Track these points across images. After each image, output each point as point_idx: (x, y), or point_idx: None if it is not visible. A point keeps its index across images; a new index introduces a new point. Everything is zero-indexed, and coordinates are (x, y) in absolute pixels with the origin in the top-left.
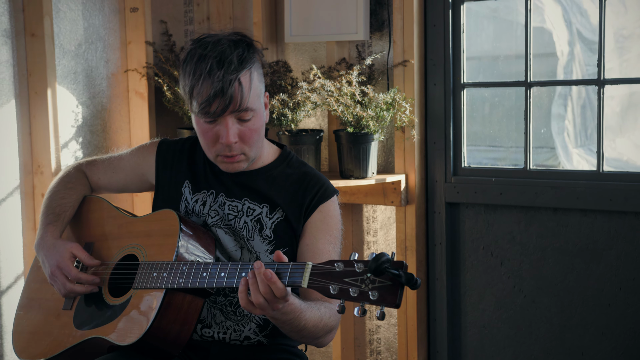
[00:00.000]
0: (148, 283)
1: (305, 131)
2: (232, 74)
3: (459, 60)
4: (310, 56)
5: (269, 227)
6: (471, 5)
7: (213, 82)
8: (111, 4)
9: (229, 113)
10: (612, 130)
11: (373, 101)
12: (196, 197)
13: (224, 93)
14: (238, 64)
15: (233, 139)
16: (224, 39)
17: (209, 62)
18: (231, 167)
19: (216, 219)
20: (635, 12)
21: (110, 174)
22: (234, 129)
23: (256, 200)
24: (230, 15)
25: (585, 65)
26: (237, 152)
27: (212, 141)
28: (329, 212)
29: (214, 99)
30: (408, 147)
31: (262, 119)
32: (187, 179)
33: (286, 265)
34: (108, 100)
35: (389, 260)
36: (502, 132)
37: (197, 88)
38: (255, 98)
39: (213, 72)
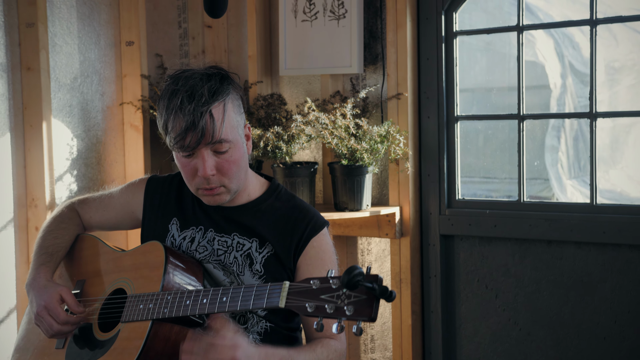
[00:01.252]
0: (135, 316)
1: (300, 164)
2: (202, 107)
3: (453, 93)
4: (304, 89)
5: (259, 262)
6: (464, 38)
7: (184, 115)
8: (107, 37)
9: (204, 146)
10: (605, 162)
11: (367, 134)
12: (184, 234)
13: (195, 126)
14: (209, 97)
15: (210, 171)
16: (197, 73)
17: (179, 97)
18: (212, 199)
19: (205, 254)
20: (625, 45)
21: (101, 212)
22: (210, 162)
23: (245, 235)
24: (225, 48)
25: (577, 97)
26: (215, 184)
27: (191, 175)
28: (321, 246)
29: (186, 132)
30: (402, 180)
31: (240, 150)
32: (175, 216)
33: (264, 287)
34: (103, 132)
35: (361, 273)
36: (496, 164)
37: (170, 123)
38: (231, 129)
39: (184, 106)
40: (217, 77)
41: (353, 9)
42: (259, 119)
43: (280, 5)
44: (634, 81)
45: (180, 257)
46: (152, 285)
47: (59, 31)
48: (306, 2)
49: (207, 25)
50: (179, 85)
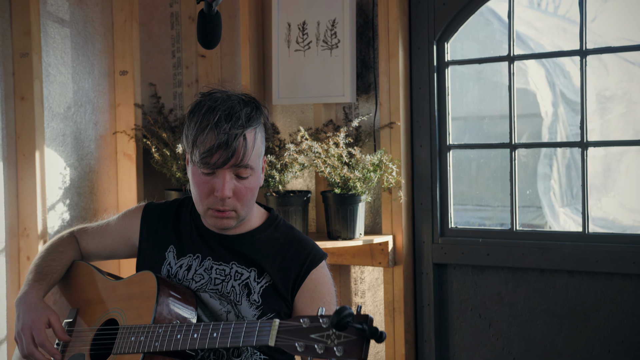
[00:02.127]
0: (127, 348)
1: (293, 192)
2: (238, 129)
3: (445, 122)
4: (297, 118)
5: (257, 292)
6: (456, 67)
7: (219, 133)
8: (101, 67)
9: (229, 167)
10: (597, 190)
11: (360, 162)
12: (181, 261)
13: (228, 145)
14: (245, 121)
15: (228, 193)
16: (234, 96)
17: (217, 114)
18: (220, 222)
19: (201, 282)
20: (616, 74)
21: (98, 239)
22: (230, 184)
23: (244, 265)
24: (219, 77)
25: (569, 125)
26: (229, 207)
27: (206, 193)
28: (319, 279)
29: (217, 149)
30: (395, 208)
31: (258, 179)
32: (171, 244)
33: (254, 324)
34: (96, 162)
35: (351, 314)
36: (489, 192)
37: (201, 137)
38: (256, 157)
39: (220, 124)
40: (253, 105)
41: (346, 39)
42: None
43: (273, 35)
44: (625, 110)
45: (173, 287)
46: (144, 317)
47: (53, 61)
48: (299, 32)
49: (201, 54)
50: (217, 103)
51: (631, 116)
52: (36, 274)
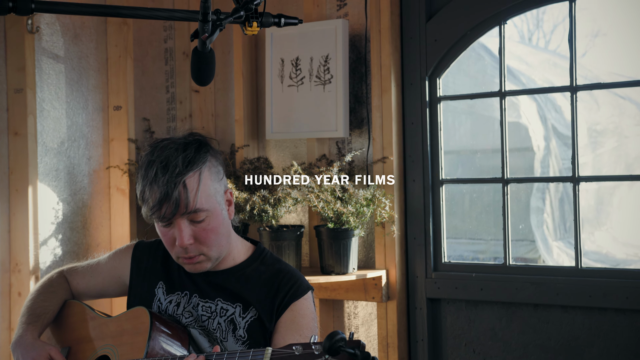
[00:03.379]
0: None
1: (286, 227)
2: (176, 178)
3: (437, 157)
4: (291, 152)
5: (243, 327)
6: (449, 101)
7: (159, 187)
8: (95, 102)
9: (179, 216)
10: (590, 223)
11: (353, 197)
12: (170, 297)
13: (169, 197)
14: (183, 167)
15: (187, 241)
16: (174, 142)
17: (154, 168)
18: (193, 267)
19: (190, 319)
20: (607, 109)
21: (88, 278)
22: (187, 231)
23: (229, 300)
24: (213, 112)
25: (561, 159)
26: (194, 253)
27: (170, 244)
28: (300, 310)
29: (161, 203)
30: (388, 243)
31: (219, 218)
32: (161, 280)
33: (247, 353)
34: (89, 196)
35: (343, 339)
36: (482, 226)
37: (145, 194)
38: (207, 198)
39: (158, 177)
40: (193, 146)
41: (339, 74)
42: (245, 182)
43: (267, 70)
44: (616, 144)
45: (165, 322)
46: (136, 352)
47: (47, 96)
48: (292, 68)
49: (195, 89)
50: (154, 155)
51: (622, 150)
52: (29, 316)
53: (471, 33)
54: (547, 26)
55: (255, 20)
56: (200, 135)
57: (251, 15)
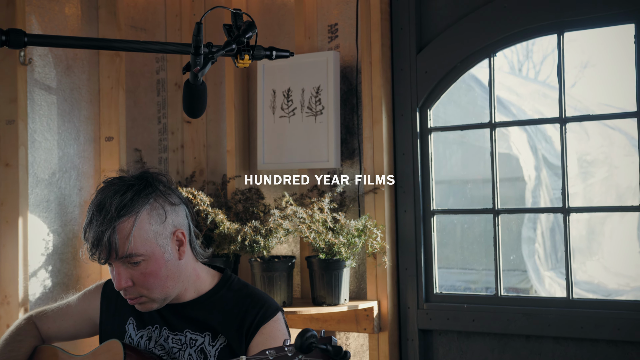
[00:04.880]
0: None
1: (278, 258)
2: (105, 225)
3: (428, 187)
4: (282, 183)
5: (213, 356)
6: (440, 132)
7: (91, 232)
8: (87, 133)
9: (113, 259)
10: (582, 253)
11: (344, 228)
12: (141, 333)
13: (100, 243)
14: (116, 213)
15: (124, 283)
16: (116, 184)
17: (91, 212)
18: (140, 307)
19: (162, 353)
20: (596, 139)
21: (59, 322)
22: (124, 274)
23: (198, 330)
24: (204, 143)
25: (552, 189)
26: (133, 295)
27: (116, 283)
28: (270, 333)
29: (95, 247)
30: (380, 274)
31: (159, 261)
32: (131, 316)
33: None
34: (80, 227)
35: (314, 336)
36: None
37: (85, 235)
38: (143, 243)
39: (93, 221)
40: (134, 189)
41: (330, 105)
42: (236, 213)
43: (258, 101)
44: (607, 174)
45: (139, 353)
46: None
47: (39, 128)
48: (284, 99)
49: (187, 120)
50: (96, 198)
51: (613, 180)
52: None
53: (461, 65)
54: (536, 57)
55: (247, 53)
56: (151, 174)
57: (243, 48)
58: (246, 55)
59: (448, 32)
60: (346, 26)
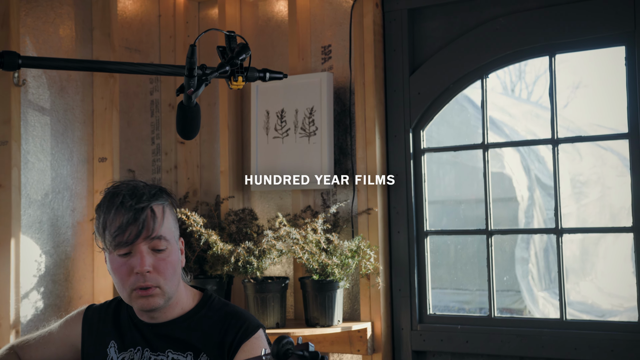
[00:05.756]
0: None
1: (271, 279)
2: (144, 203)
3: (422, 208)
4: (276, 204)
5: None
6: (433, 152)
7: (126, 211)
8: (80, 154)
9: (142, 240)
10: (575, 273)
11: (338, 249)
12: (122, 355)
13: (136, 219)
14: (150, 196)
15: (148, 266)
16: (139, 181)
17: (121, 196)
18: (146, 302)
19: None
20: (589, 160)
21: (42, 350)
22: (148, 259)
23: (179, 350)
24: (198, 164)
25: (545, 209)
26: (152, 283)
27: (127, 274)
28: (252, 350)
29: (127, 226)
30: (373, 295)
31: (177, 255)
32: (112, 339)
33: None
34: (72, 248)
35: (290, 342)
36: (467, 276)
37: (109, 219)
38: (169, 231)
39: (126, 202)
40: (157, 187)
41: (323, 126)
42: (230, 234)
43: (252, 122)
44: (600, 194)
45: None
46: None
47: (32, 148)
48: (277, 120)
49: (180, 141)
50: (119, 188)
51: (606, 200)
52: None
53: (454, 86)
54: (529, 77)
55: (241, 75)
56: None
57: (237, 70)
58: (240, 77)
59: (441, 54)
60: (340, 47)
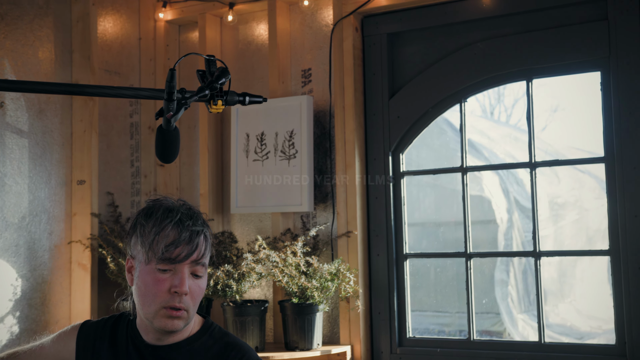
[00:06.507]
0: None
1: (250, 302)
2: (200, 226)
3: (401, 231)
4: (255, 227)
5: None
6: (412, 176)
7: (182, 229)
8: (58, 177)
9: (190, 262)
10: (554, 296)
11: (318, 272)
12: None
13: (190, 240)
14: (203, 222)
15: (187, 289)
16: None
17: (179, 213)
18: (171, 323)
19: None
20: (567, 182)
21: None
22: (188, 281)
23: None
24: (177, 186)
25: (524, 231)
26: (184, 305)
27: (163, 290)
28: None
29: (181, 243)
30: (353, 318)
31: (206, 284)
32: (108, 358)
33: None
34: (49, 272)
35: None
36: (446, 299)
37: (164, 232)
38: (208, 260)
39: (184, 221)
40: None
41: (303, 149)
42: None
43: (232, 145)
44: (577, 216)
45: None
46: None
47: (9, 171)
48: (257, 143)
49: (160, 164)
50: (174, 205)
51: (583, 223)
52: None
53: (433, 110)
54: (508, 101)
55: (220, 99)
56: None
57: (216, 93)
58: (219, 101)
59: (420, 78)
60: (320, 71)
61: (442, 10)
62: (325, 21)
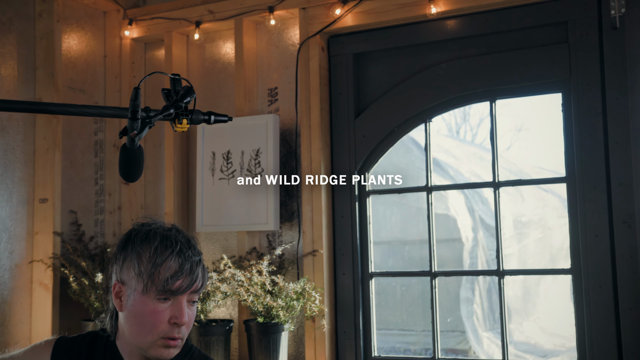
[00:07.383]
0: None
1: (215, 321)
2: (197, 255)
3: (367, 250)
4: (221, 245)
5: None
6: (378, 194)
7: (184, 260)
8: (20, 195)
9: (188, 293)
10: (518, 314)
11: (283, 291)
12: None
13: (192, 271)
14: (199, 250)
15: (187, 319)
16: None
17: (178, 243)
18: (168, 352)
19: None
20: (531, 201)
21: None
22: (186, 311)
23: None
24: (142, 204)
25: (488, 250)
26: (181, 335)
27: (162, 321)
28: None
29: (183, 275)
30: (318, 337)
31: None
32: None
33: None
34: (9, 292)
35: None
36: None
37: (166, 264)
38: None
39: (184, 251)
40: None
41: (269, 168)
42: None
43: (198, 163)
44: (541, 235)
45: None
46: None
47: None
48: (224, 161)
49: (124, 182)
50: (171, 232)
51: (547, 241)
52: None
53: (398, 129)
54: (473, 120)
55: (185, 118)
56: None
57: (181, 112)
58: (184, 120)
59: (385, 98)
60: (286, 90)
61: (408, 31)
62: (292, 40)
